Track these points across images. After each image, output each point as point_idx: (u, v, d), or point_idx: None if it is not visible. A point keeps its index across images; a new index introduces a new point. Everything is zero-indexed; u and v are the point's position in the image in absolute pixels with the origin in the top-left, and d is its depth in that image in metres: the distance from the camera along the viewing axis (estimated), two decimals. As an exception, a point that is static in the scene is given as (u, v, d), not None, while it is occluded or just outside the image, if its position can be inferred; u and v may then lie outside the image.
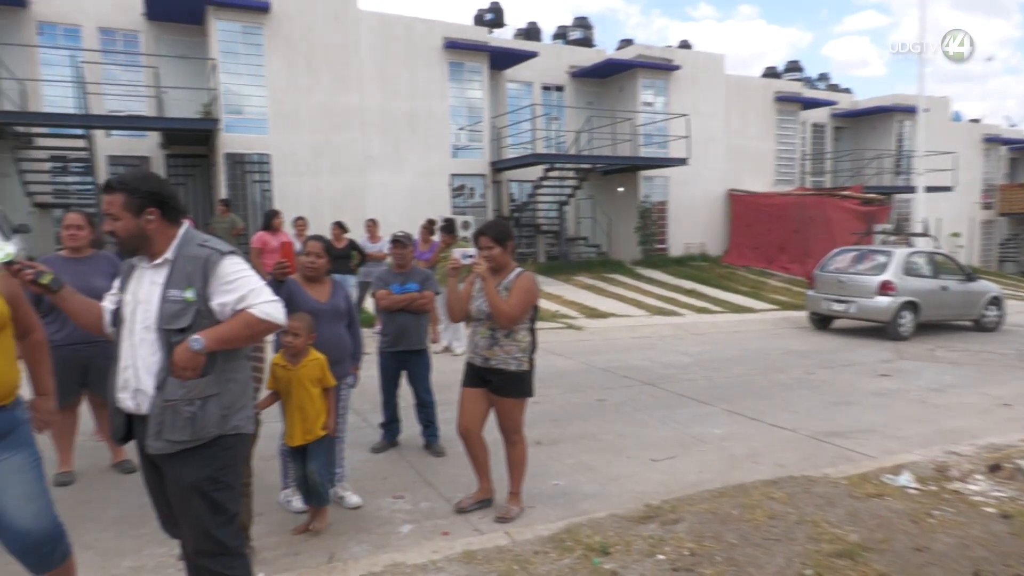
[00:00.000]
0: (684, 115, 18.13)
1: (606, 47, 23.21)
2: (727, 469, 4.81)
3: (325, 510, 3.70)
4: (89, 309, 2.40)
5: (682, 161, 17.76)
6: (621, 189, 19.68)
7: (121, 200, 2.25)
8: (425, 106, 16.59)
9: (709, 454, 5.18)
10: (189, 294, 2.23)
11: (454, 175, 17.17)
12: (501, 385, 3.85)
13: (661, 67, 19.45)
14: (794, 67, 27.86)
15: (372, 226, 10.23)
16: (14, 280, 2.27)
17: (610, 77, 19.89)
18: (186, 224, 2.40)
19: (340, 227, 9.24)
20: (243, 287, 2.27)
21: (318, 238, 4.04)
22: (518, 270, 3.87)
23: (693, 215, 20.44)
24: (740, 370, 8.45)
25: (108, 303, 2.42)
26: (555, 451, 5.16)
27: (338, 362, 3.90)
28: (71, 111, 13.89)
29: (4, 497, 2.24)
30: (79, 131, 13.45)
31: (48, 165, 13.96)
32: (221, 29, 14.23)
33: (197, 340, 2.18)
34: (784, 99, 22.41)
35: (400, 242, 5.09)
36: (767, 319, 13.27)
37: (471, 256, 3.78)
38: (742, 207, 20.54)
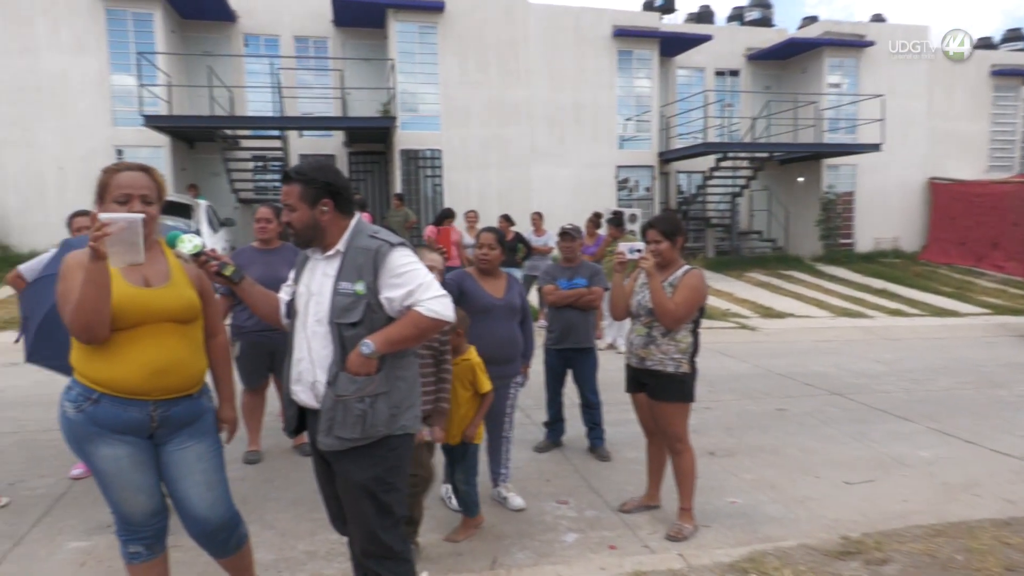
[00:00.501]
0: (879, 96, 16.38)
1: (787, 27, 21.58)
2: (940, 501, 4.15)
3: (469, 521, 3.54)
4: (267, 300, 2.44)
5: (874, 147, 16.07)
6: (801, 179, 18.22)
7: (298, 190, 2.24)
8: (592, 97, 16.36)
9: (915, 480, 4.50)
10: (360, 287, 2.19)
11: (620, 167, 16.79)
12: (657, 388, 3.58)
13: (851, 44, 17.73)
14: (1015, 35, 24.18)
15: (537, 219, 10.19)
16: (203, 272, 2.35)
17: (791, 58, 18.48)
18: (358, 216, 2.36)
19: (507, 220, 9.28)
20: (411, 281, 2.19)
21: (491, 229, 3.96)
22: (686, 267, 3.59)
23: (885, 206, 18.48)
24: (947, 383, 7.40)
25: (284, 294, 2.45)
26: (731, 464, 4.74)
27: (509, 361, 3.79)
28: (270, 115, 15.26)
29: (186, 484, 2.32)
30: (276, 132, 14.70)
31: (250, 164, 15.41)
32: (399, 31, 14.90)
33: (367, 344, 2.15)
34: (1002, 73, 19.63)
35: (568, 235, 4.91)
36: (977, 324, 11.62)
37: (638, 251, 3.54)
38: (946, 197, 18.25)
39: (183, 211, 10.90)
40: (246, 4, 15.24)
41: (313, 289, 2.28)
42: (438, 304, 2.18)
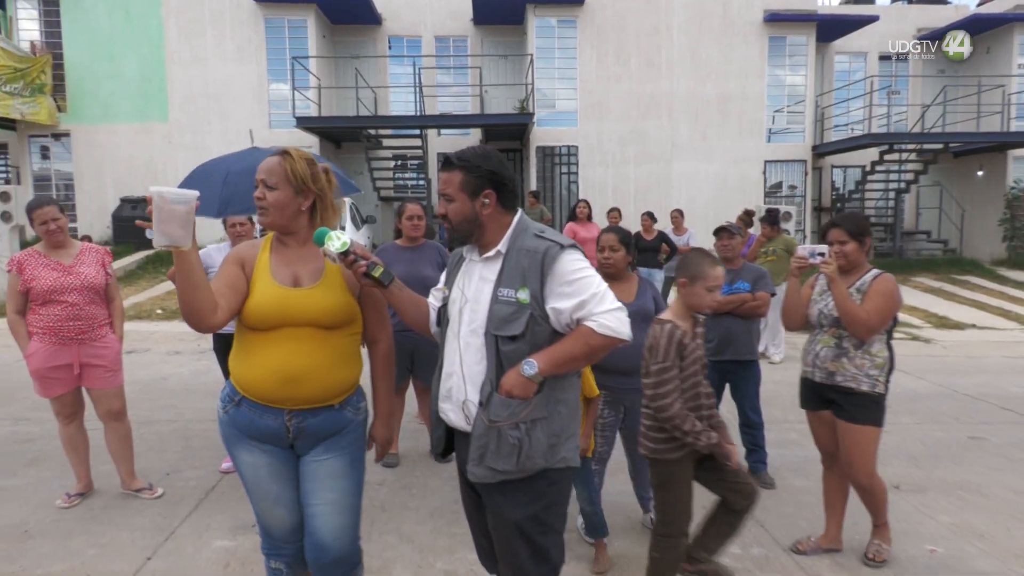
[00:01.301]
0: (1083, 76, 14.23)
1: (967, 3, 19.28)
2: None
3: (602, 544, 3.18)
4: (416, 305, 2.18)
5: (1077, 135, 13.97)
6: (981, 173, 16.22)
7: (459, 179, 1.96)
8: (739, 88, 15.39)
9: None
10: (523, 295, 1.88)
11: (768, 161, 15.69)
12: (849, 407, 3.09)
13: (1049, 18, 15.53)
14: None
15: (677, 217, 9.58)
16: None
17: (973, 38, 16.44)
18: (521, 212, 2.07)
19: (650, 217, 8.78)
20: (583, 290, 1.85)
21: (613, 229, 3.59)
22: (875, 271, 3.10)
23: (1087, 204, 16.04)
24: None
25: (434, 299, 2.21)
26: (923, 503, 4.06)
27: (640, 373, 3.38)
28: (411, 114, 15.61)
29: (315, 500, 2.12)
30: (416, 131, 15.01)
31: (391, 163, 15.85)
32: (538, 25, 14.74)
33: (531, 364, 1.85)
34: None
35: (727, 232, 4.40)
36: None
37: (820, 254, 3.07)
38: None
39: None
40: (391, 7, 15.67)
41: (468, 295, 2.00)
42: (613, 319, 1.84)
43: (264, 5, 14.57)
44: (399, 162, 16.10)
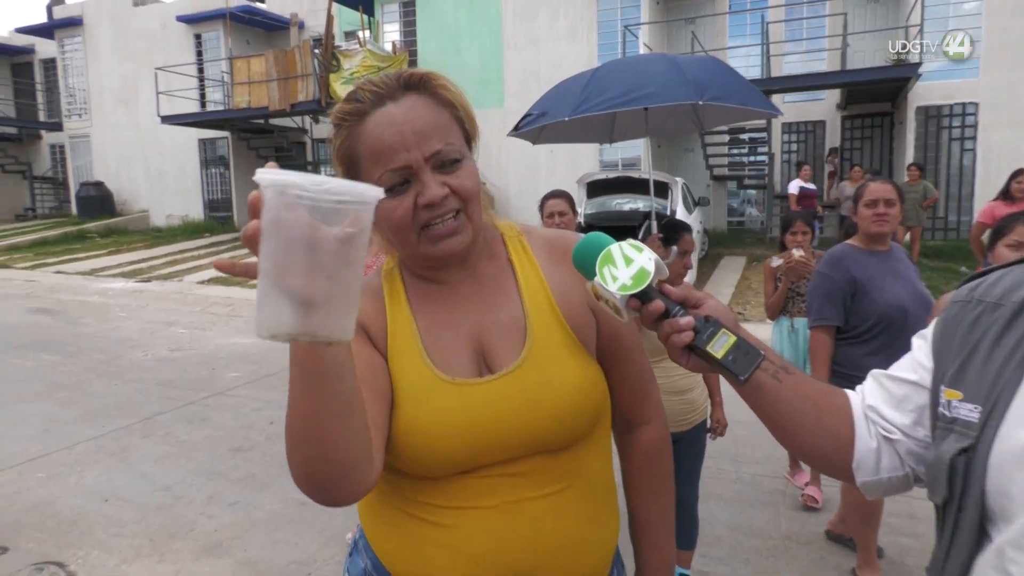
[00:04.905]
0: None
1: None
2: None
3: None
4: (818, 416, 0.84)
5: None
6: None
7: None
8: None
9: None
10: None
11: None
12: None
13: None
14: None
15: None
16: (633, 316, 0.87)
17: None
18: None
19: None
20: None
21: None
22: None
23: None
24: None
25: (894, 411, 0.83)
26: None
27: None
28: (753, 78, 13.71)
29: None
30: (759, 100, 13.12)
31: (726, 138, 14.14)
32: (927, -48, 11.68)
33: None
34: None
35: None
36: None
37: None
38: None
39: (659, 190, 10.05)
40: (735, -40, 13.92)
41: None
42: None
43: (598, -22, 13.95)
44: (736, 136, 14.32)
